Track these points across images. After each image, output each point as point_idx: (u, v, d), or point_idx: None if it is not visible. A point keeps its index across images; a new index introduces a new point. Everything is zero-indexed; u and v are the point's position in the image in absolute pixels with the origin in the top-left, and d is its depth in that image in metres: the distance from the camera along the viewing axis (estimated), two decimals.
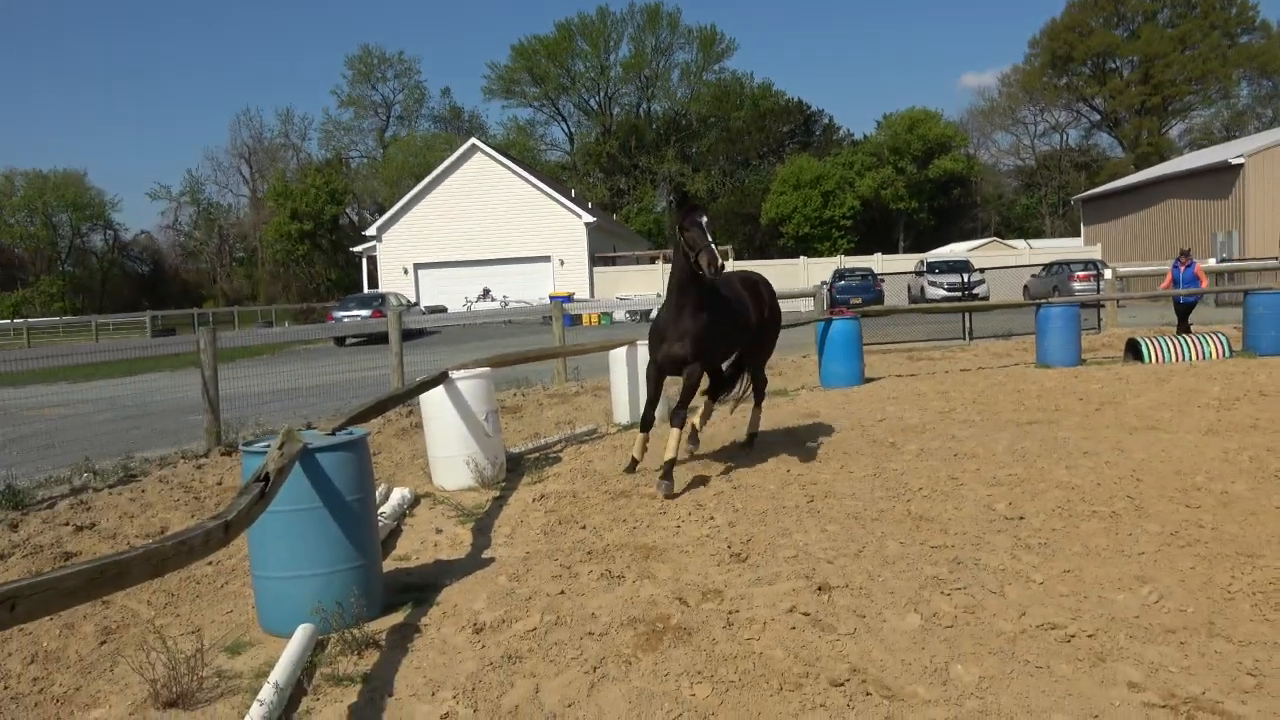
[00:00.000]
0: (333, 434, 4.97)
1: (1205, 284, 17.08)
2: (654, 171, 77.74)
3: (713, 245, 6.89)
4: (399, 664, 4.23)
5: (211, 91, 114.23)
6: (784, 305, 9.82)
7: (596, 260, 44.02)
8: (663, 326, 7.36)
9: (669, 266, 9.75)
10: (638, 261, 47.13)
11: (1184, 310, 16.88)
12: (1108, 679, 3.70)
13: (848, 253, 56.52)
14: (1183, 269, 17.13)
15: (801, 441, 8.89)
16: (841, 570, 5.12)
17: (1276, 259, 19.86)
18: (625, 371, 10.65)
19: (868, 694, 3.68)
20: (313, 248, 68.64)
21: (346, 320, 29.56)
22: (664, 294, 7.93)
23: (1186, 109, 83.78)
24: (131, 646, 4.61)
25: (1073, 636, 4.11)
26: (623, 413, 10.65)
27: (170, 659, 4.04)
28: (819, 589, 4.83)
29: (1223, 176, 38.31)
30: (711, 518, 6.37)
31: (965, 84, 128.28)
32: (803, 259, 45.42)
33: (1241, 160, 37.01)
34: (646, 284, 41.75)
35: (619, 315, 35.41)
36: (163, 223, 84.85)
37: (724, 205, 75.86)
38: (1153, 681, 3.66)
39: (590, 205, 49.27)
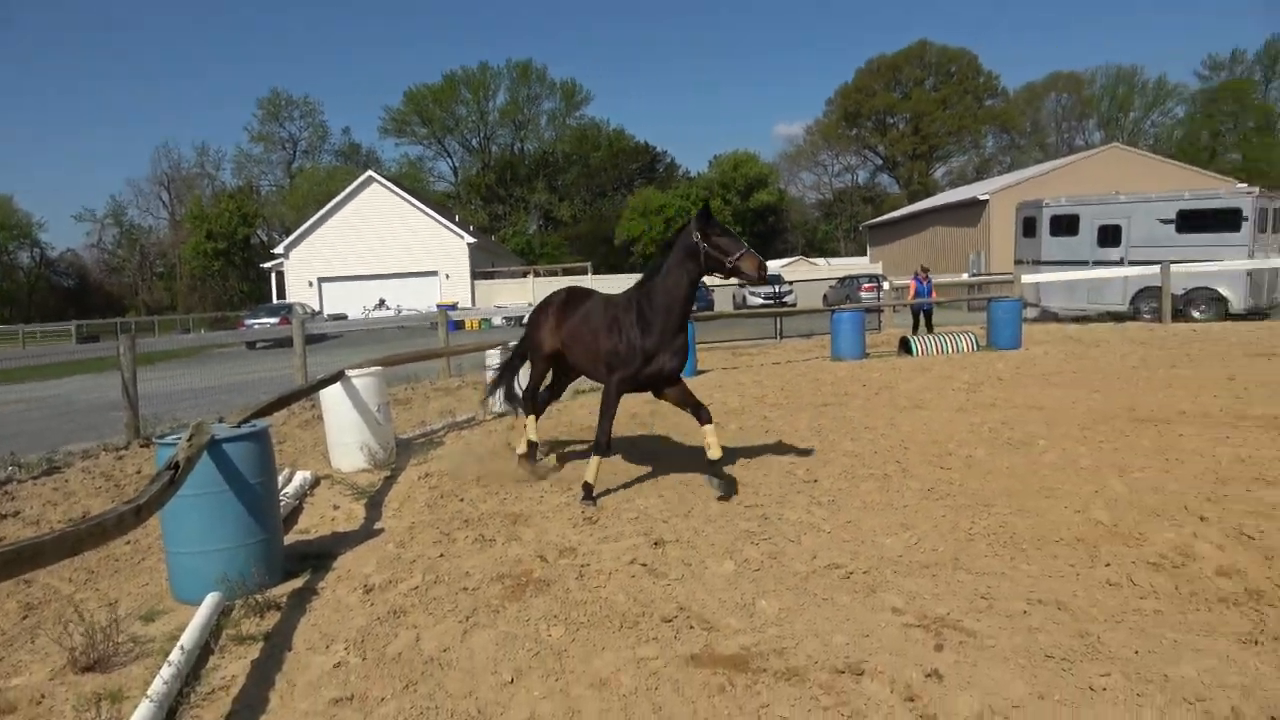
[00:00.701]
0: (238, 426, 4.77)
1: (935, 296, 18.19)
2: (526, 200, 77.32)
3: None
4: (298, 623, 4.09)
5: (134, 125, 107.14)
6: None
7: (477, 274, 43.38)
8: (652, 340, 5.78)
9: (538, 280, 9.39)
10: (512, 276, 46.67)
11: (924, 315, 17.95)
12: (877, 606, 3.89)
13: None
14: (923, 282, 18.24)
15: (643, 423, 8.98)
16: (674, 528, 5.21)
17: (1010, 274, 21.19)
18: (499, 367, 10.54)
19: (691, 627, 3.77)
20: (226, 264, 65.32)
21: (256, 326, 28.23)
22: (535, 303, 7.54)
23: (947, 155, 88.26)
24: (52, 620, 4.31)
25: (851, 574, 4.29)
26: (498, 402, 10.53)
27: (88, 628, 3.80)
28: (655, 544, 4.90)
29: (974, 209, 40.55)
30: (569, 488, 6.37)
31: (778, 132, 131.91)
32: None
33: (987, 196, 39.26)
34: (520, 294, 41.39)
35: (496, 321, 34.99)
36: (88, 242, 78.85)
37: (585, 229, 75.92)
38: (911, 606, 3.86)
39: (471, 228, 48.44)
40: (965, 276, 30.61)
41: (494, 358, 10.60)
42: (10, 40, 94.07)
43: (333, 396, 7.49)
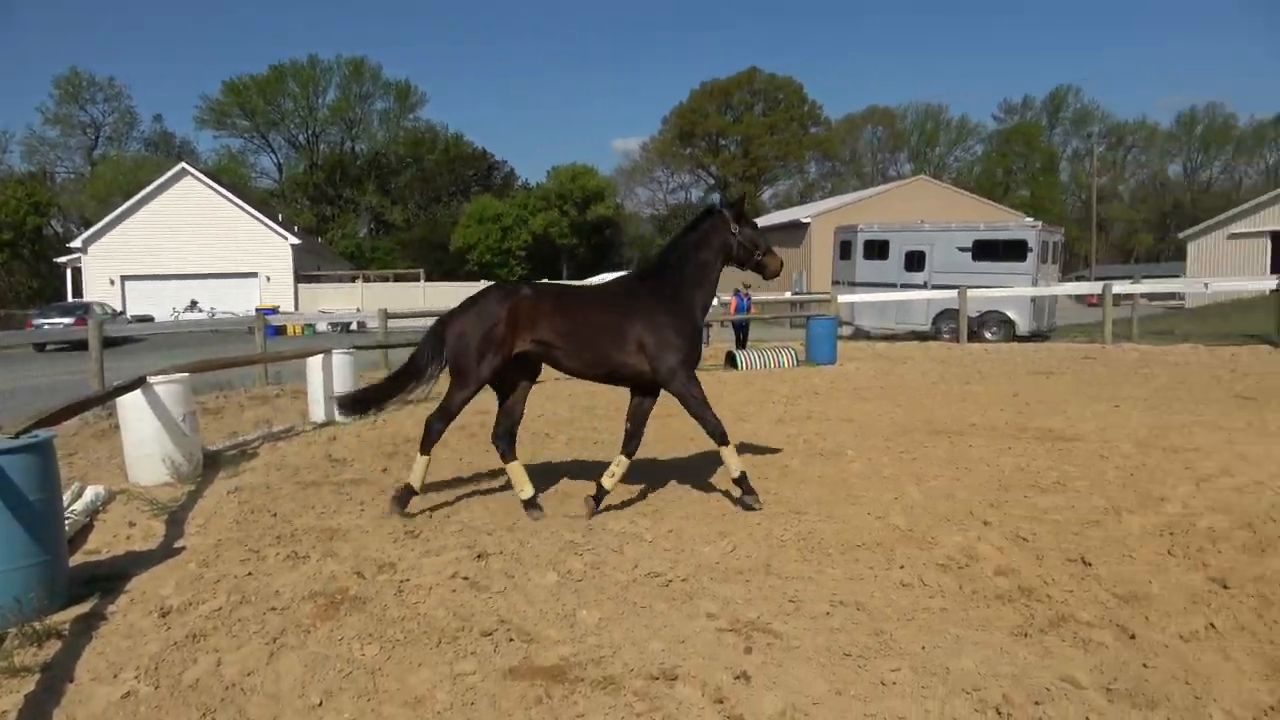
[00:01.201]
0: (15, 437, 4.32)
1: (754, 311, 19.13)
2: (357, 202, 74.50)
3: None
4: (81, 651, 3.75)
5: None
6: None
7: (301, 278, 41.34)
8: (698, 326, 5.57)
9: (368, 285, 8.86)
10: (340, 280, 44.80)
11: (743, 330, 18.81)
12: (693, 612, 4.00)
13: (522, 278, 57.00)
14: (744, 299, 19.13)
15: (473, 435, 8.85)
16: (498, 540, 5.16)
17: (828, 294, 22.46)
18: (320, 376, 10.10)
19: (511, 639, 3.74)
20: (13, 256, 58.98)
21: (47, 327, 25.75)
22: (364, 309, 7.03)
23: (775, 178, 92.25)
24: None
25: (670, 581, 4.40)
26: (319, 411, 10.09)
27: None
28: (478, 556, 4.84)
29: (797, 231, 42.58)
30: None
31: (616, 147, 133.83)
32: (484, 283, 45.30)
33: (809, 220, 41.36)
34: (348, 300, 39.80)
35: (321, 327, 33.49)
36: None
37: (419, 234, 74.07)
38: (725, 611, 4.00)
39: (296, 229, 46.13)
40: (788, 295, 32.04)
41: (316, 367, 10.15)
42: None
43: (132, 404, 6.93)
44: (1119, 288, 20.14)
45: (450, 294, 41.56)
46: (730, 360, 15.58)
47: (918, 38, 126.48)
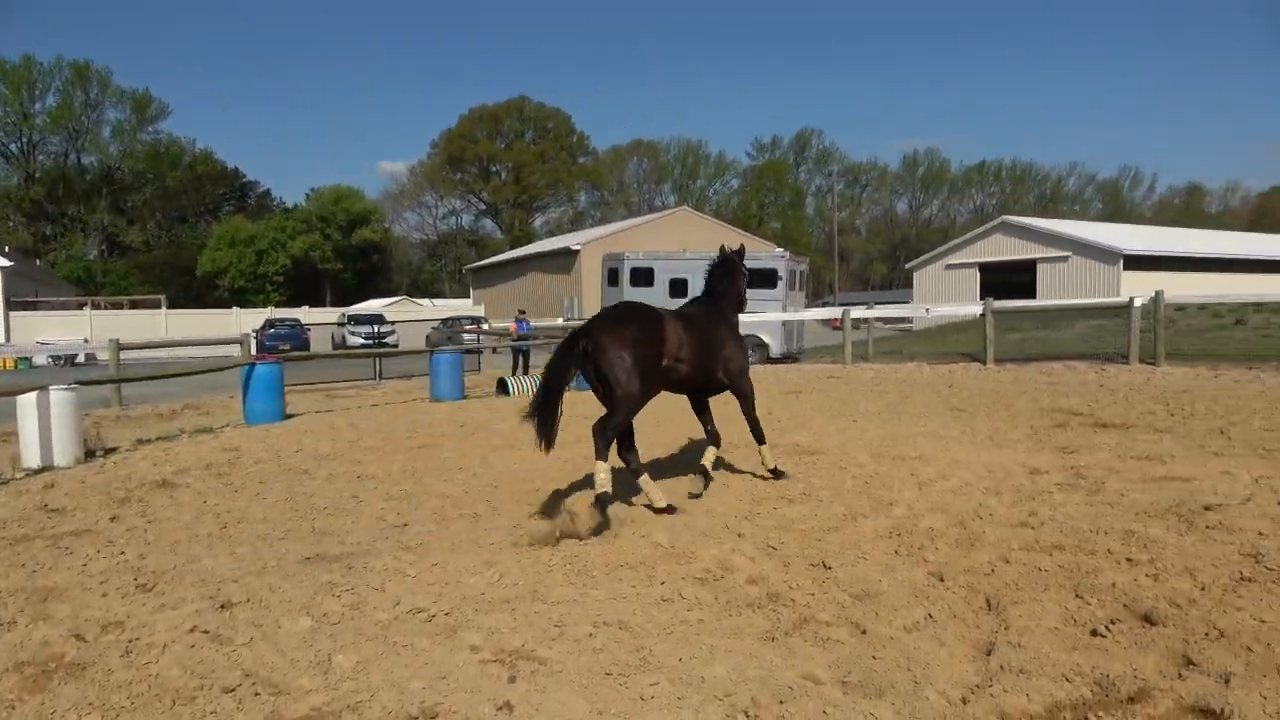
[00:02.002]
0: None
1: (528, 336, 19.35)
2: (84, 220, 67.04)
3: None
4: None
5: None
6: (215, 351, 9.01)
7: (15, 304, 36.53)
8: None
9: (98, 313, 8.10)
10: (64, 307, 40.03)
11: (523, 355, 18.89)
12: (457, 646, 3.92)
13: (279, 305, 53.67)
14: (524, 323, 19.25)
15: (221, 474, 8.20)
16: (245, 587, 4.80)
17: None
18: (35, 416, 8.94)
19: (257, 694, 3.49)
20: None
21: None
22: (93, 338, 6.38)
23: (546, 206, 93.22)
24: None
25: (434, 616, 4.29)
26: (33, 456, 8.93)
27: None
28: (222, 607, 4.47)
29: (567, 258, 43.22)
30: (122, 553, 5.59)
31: (383, 170, 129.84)
32: (236, 310, 42.18)
33: (579, 247, 42.12)
34: (74, 329, 35.60)
35: (40, 360, 29.72)
36: None
37: (160, 257, 67.84)
38: (489, 642, 3.95)
39: (8, 249, 40.77)
40: (560, 321, 32.42)
41: (30, 406, 8.98)
42: None
43: None
44: (857, 312, 22.11)
45: (195, 323, 38.35)
46: (502, 386, 15.49)
47: (678, 74, 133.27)
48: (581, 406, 13.17)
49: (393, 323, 34.28)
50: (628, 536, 5.57)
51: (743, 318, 21.16)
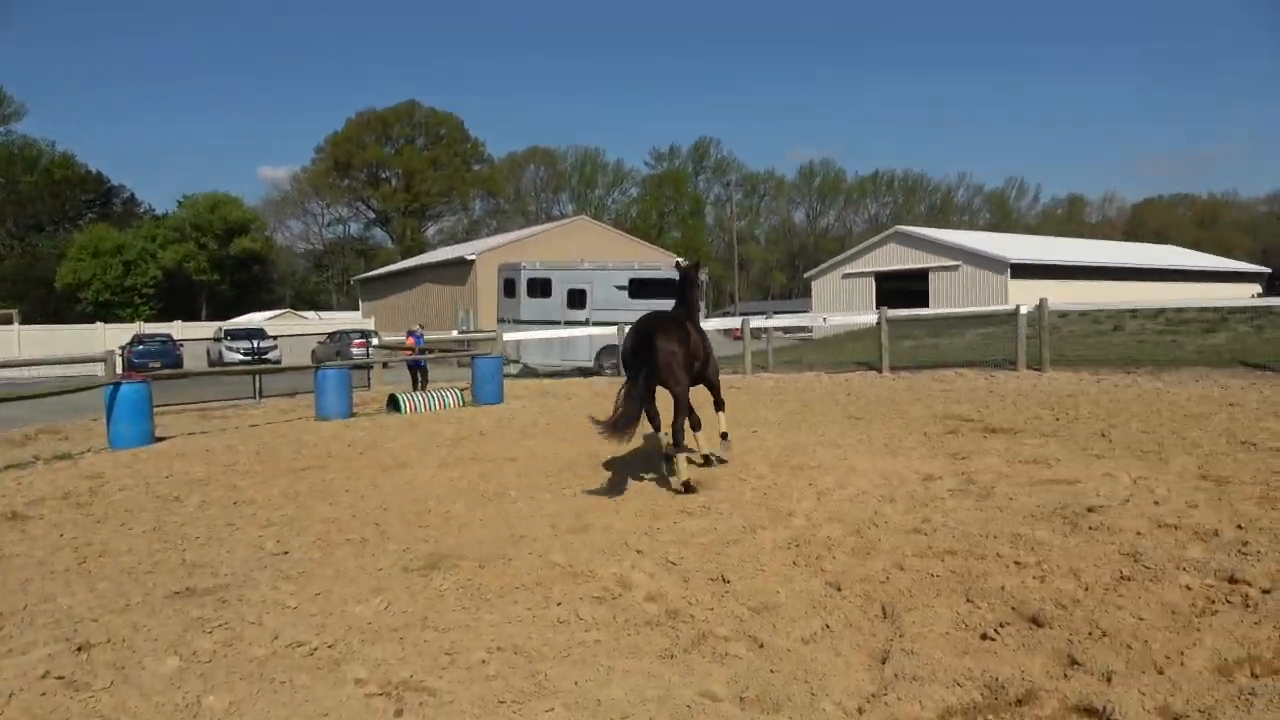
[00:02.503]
0: None
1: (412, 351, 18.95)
2: None
3: None
4: None
5: None
6: (77, 371, 8.50)
7: None
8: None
9: None
10: None
11: (421, 371, 18.52)
12: (340, 680, 3.78)
13: (150, 319, 51.18)
14: (420, 336, 18.85)
15: (81, 504, 7.73)
16: (106, 626, 4.52)
17: (494, 331, 22.73)
18: None
19: None
20: None
21: None
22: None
23: (439, 214, 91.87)
24: None
25: (316, 650, 4.13)
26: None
27: None
28: (79, 649, 4.20)
29: (462, 268, 42.67)
30: None
31: (263, 176, 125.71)
32: (100, 325, 40.00)
33: (474, 257, 41.65)
34: None
35: None
36: None
37: (12, 268, 63.81)
38: (375, 674, 3.83)
39: None
40: (454, 333, 31.92)
41: None
42: None
43: None
44: (756, 322, 22.55)
45: (54, 339, 36.15)
46: (393, 403, 15.14)
47: (575, 81, 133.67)
48: (447, 427, 12.97)
49: (275, 337, 33.09)
50: (524, 557, 5.50)
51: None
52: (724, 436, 8.78)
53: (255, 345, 29.17)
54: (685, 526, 6.16)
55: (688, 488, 7.19)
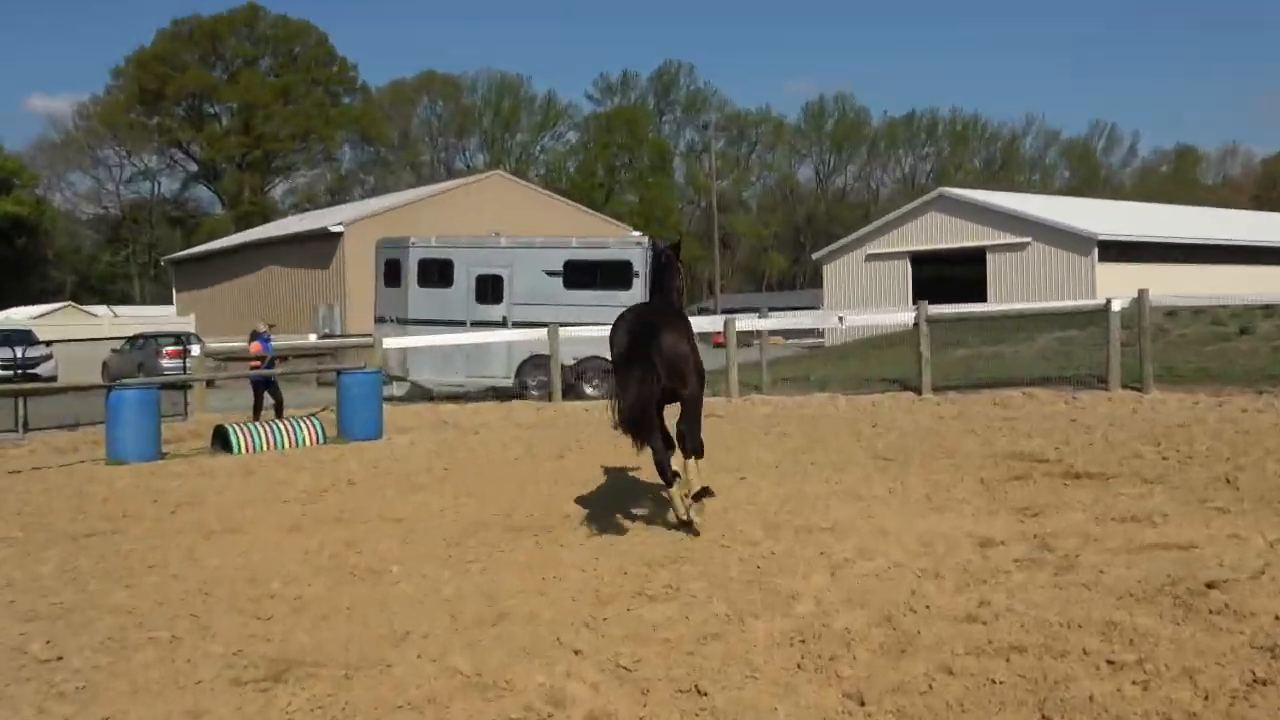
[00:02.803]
0: None
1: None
2: None
3: None
4: None
5: None
6: None
7: None
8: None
9: None
10: None
11: (270, 389, 18.31)
12: None
13: None
14: (268, 341, 18.62)
15: None
16: None
17: (370, 336, 22.60)
18: None
19: None
20: None
21: None
22: None
23: (291, 167, 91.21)
24: None
25: None
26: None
27: None
28: None
29: (324, 245, 42.40)
30: None
31: (33, 107, 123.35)
32: None
33: (342, 228, 41.35)
34: None
35: None
36: None
37: None
38: None
39: None
40: (313, 338, 31.70)
41: None
42: None
43: None
44: (745, 323, 22.69)
45: None
46: (222, 439, 14.95)
47: None
48: (300, 473, 12.92)
49: (48, 343, 32.52)
50: (411, 662, 5.45)
51: (585, 332, 22.24)
52: (696, 497, 8.44)
53: (18, 355, 28.63)
54: (644, 615, 6.14)
55: (689, 525, 8.40)
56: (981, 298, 39.10)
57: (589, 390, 21.90)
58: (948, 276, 41.12)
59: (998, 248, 41.07)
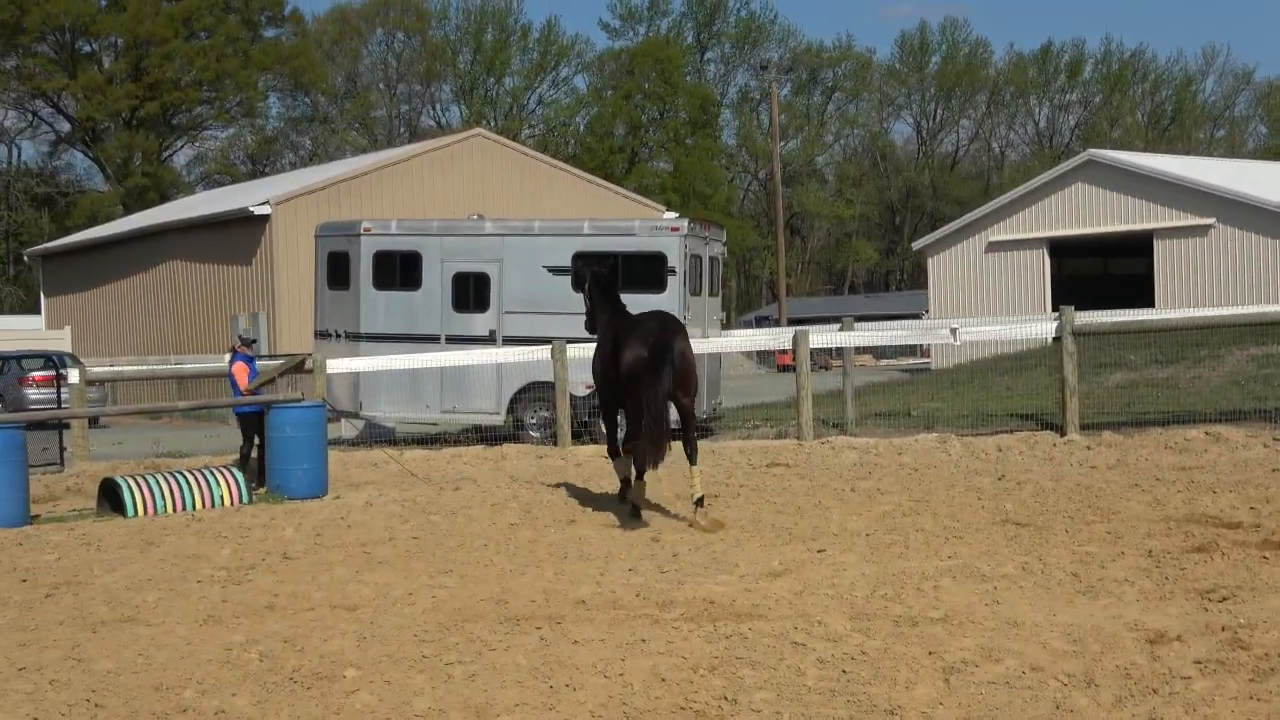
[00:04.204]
0: None
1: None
2: None
3: None
4: None
5: None
6: None
7: None
8: None
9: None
10: None
11: (256, 421, 17.67)
12: None
13: None
14: (253, 362, 18.33)
15: None
16: None
17: (308, 355, 22.62)
18: None
19: None
20: None
21: None
22: None
23: (197, 125, 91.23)
24: None
25: None
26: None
27: None
28: None
29: (246, 231, 42.23)
30: None
31: None
32: None
33: (269, 209, 41.22)
34: None
35: None
36: None
37: None
38: None
39: None
40: (227, 359, 31.86)
41: None
42: None
43: None
44: (821, 337, 22.63)
45: None
46: (110, 497, 15.06)
47: None
48: (218, 544, 13.01)
49: None
50: None
51: (582, 351, 21.83)
52: (699, 503, 12.94)
53: None
54: None
55: (635, 512, 13.27)
56: (1148, 301, 38.84)
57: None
58: (1100, 272, 40.87)
59: (1169, 231, 40.82)
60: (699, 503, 12.85)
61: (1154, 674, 6.78)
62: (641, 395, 12.83)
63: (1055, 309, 21.68)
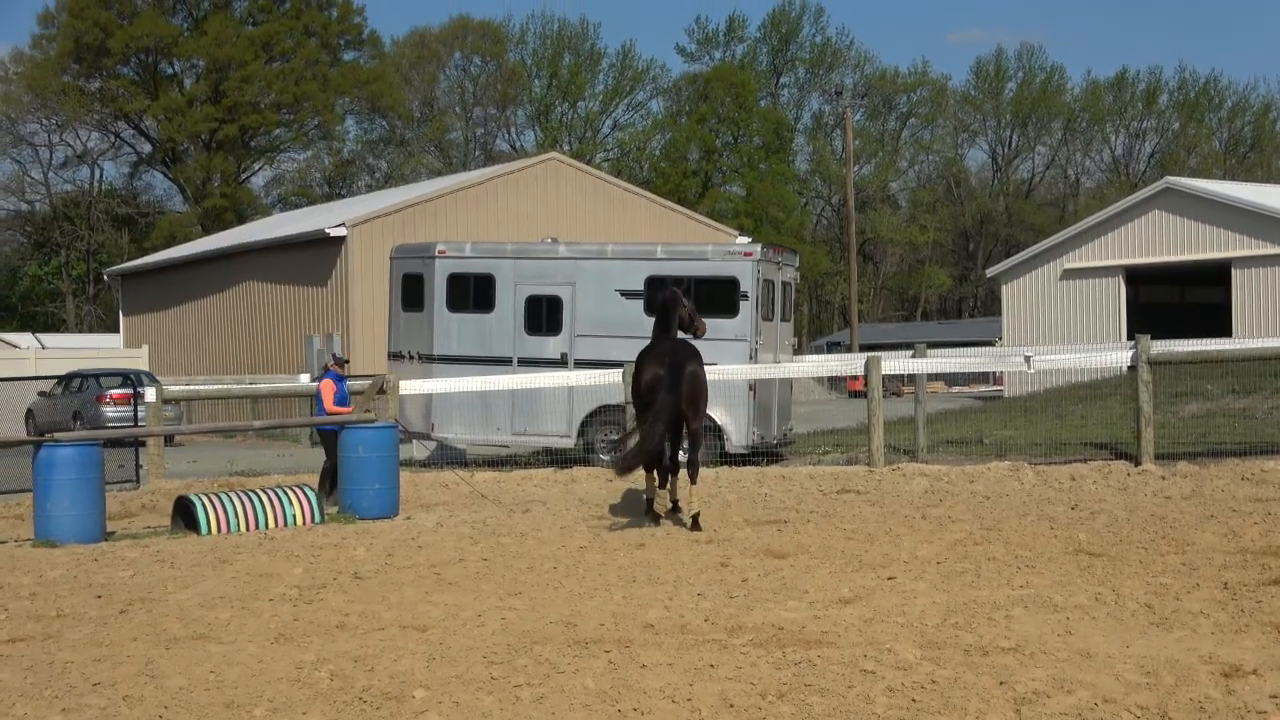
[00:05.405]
0: None
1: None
2: None
3: None
4: None
5: None
6: None
7: None
8: None
9: None
10: None
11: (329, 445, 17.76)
12: None
13: None
14: (342, 383, 18.40)
15: None
16: None
17: (381, 376, 22.68)
18: None
19: None
20: None
21: None
22: None
23: (277, 147, 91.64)
24: None
25: None
26: None
27: None
28: None
29: (322, 253, 42.41)
30: None
31: None
32: None
33: (345, 230, 41.44)
34: None
35: None
36: None
37: None
38: None
39: None
40: (305, 380, 32.09)
41: None
42: None
43: None
44: (894, 364, 22.53)
45: None
46: (184, 515, 15.18)
47: None
48: (290, 562, 13.10)
49: None
50: None
51: None
52: (695, 520, 14.64)
53: None
54: None
55: (653, 519, 15.11)
56: (1225, 330, 38.48)
57: (681, 455, 21.84)
58: (1177, 300, 40.52)
59: (1249, 260, 40.41)
60: (694, 520, 14.56)
61: (1229, 708, 6.70)
62: (652, 408, 14.79)
63: (1131, 337, 21.51)
